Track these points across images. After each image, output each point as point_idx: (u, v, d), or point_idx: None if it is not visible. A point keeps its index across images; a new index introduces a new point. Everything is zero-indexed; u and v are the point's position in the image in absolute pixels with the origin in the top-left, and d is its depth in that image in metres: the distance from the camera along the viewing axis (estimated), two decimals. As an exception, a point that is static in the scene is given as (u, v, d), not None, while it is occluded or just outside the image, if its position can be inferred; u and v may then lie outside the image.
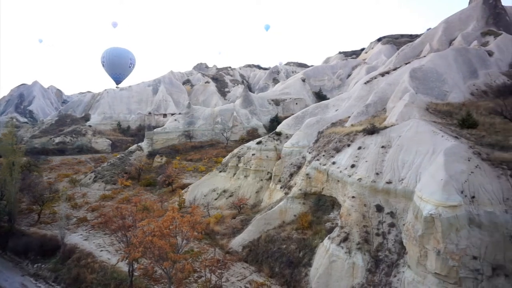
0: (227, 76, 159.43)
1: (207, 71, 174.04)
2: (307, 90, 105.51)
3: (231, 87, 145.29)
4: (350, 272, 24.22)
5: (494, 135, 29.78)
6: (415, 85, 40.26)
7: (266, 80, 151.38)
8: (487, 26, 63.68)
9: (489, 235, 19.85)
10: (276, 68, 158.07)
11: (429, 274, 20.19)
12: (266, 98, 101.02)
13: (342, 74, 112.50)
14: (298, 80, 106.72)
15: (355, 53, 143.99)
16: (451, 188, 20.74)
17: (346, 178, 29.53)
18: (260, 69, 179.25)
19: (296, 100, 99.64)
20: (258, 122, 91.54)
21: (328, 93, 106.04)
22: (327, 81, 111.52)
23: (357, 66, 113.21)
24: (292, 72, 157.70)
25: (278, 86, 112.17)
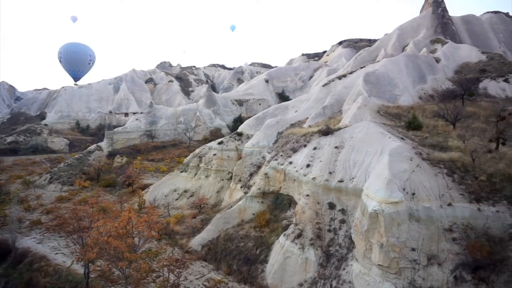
0: (191, 75, 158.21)
1: (170, 70, 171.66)
2: (270, 91, 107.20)
3: (195, 87, 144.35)
4: (303, 267, 25.41)
5: (436, 137, 32.27)
6: (368, 88, 42.49)
7: (231, 80, 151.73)
8: (436, 35, 68.09)
9: (426, 228, 21.70)
10: (240, 68, 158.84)
11: (373, 266, 21.72)
12: (230, 98, 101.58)
13: (304, 76, 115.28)
14: (261, 81, 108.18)
15: (318, 55, 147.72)
16: (393, 186, 22.40)
17: (302, 177, 30.80)
18: (225, 69, 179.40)
19: (260, 101, 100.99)
20: (221, 122, 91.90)
21: (291, 94, 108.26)
22: (290, 82, 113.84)
23: (319, 68, 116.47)
24: (257, 72, 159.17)
25: (241, 86, 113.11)
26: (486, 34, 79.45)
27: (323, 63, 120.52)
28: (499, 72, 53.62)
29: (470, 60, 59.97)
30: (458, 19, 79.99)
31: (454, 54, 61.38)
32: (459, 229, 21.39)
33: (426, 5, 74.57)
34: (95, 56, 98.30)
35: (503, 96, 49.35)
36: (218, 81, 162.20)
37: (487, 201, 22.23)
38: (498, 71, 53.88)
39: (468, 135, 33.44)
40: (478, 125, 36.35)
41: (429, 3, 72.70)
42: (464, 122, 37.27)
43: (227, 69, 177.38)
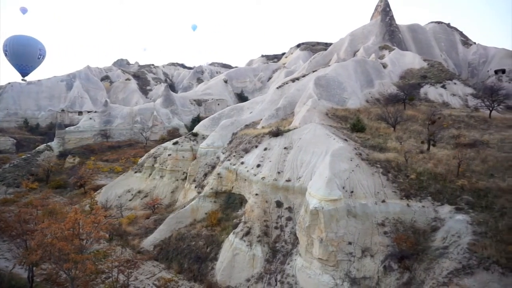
0: (149, 73, 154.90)
1: (128, 68, 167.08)
2: (229, 91, 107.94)
3: (154, 86, 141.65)
4: (251, 263, 26.50)
5: (377, 138, 34.70)
6: (319, 91, 44.51)
7: (190, 80, 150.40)
8: (384, 41, 72.19)
9: (362, 223, 23.55)
10: (200, 67, 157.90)
11: (314, 260, 23.20)
12: (188, 98, 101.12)
13: (263, 77, 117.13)
14: (220, 81, 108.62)
15: (277, 57, 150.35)
16: (333, 185, 24.05)
17: (252, 177, 31.91)
18: (185, 68, 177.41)
19: (218, 101, 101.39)
20: (179, 122, 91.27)
21: (250, 95, 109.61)
22: (249, 83, 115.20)
23: (277, 69, 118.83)
24: (217, 72, 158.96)
25: (200, 86, 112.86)
26: (429, 42, 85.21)
27: (281, 65, 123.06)
28: (437, 78, 58.02)
29: (413, 66, 64.23)
30: (405, 28, 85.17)
31: (399, 60, 65.46)
32: (391, 224, 23.43)
33: (376, 13, 78.82)
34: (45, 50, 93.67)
35: (440, 101, 53.53)
36: (178, 80, 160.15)
37: (415, 198, 24.51)
38: (437, 78, 58.28)
39: (406, 136, 36.28)
40: (415, 128, 39.34)
41: (378, 12, 76.91)
42: (404, 124, 40.22)
43: (187, 68, 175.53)
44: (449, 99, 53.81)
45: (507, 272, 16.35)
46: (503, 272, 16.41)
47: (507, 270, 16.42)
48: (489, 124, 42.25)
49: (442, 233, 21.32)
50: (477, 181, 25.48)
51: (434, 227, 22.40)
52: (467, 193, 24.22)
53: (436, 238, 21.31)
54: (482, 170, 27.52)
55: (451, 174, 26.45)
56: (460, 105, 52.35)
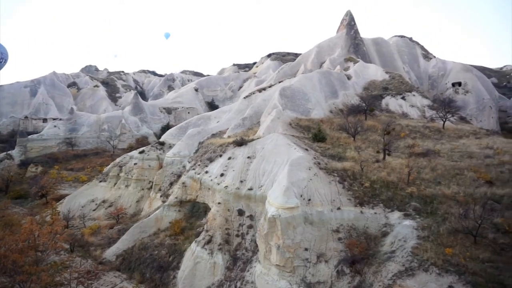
0: (119, 80, 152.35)
1: (96, 74, 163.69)
2: (200, 100, 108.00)
3: (123, 93, 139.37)
4: (212, 271, 26.90)
5: (337, 148, 36.13)
6: (284, 102, 45.75)
7: (161, 87, 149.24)
8: (349, 54, 75.02)
9: (318, 230, 24.55)
10: (171, 75, 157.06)
11: (272, 266, 23.92)
12: (158, 106, 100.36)
13: (234, 86, 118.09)
14: (191, 89, 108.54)
15: (248, 66, 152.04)
16: (291, 193, 24.96)
17: (216, 186, 32.41)
18: (156, 75, 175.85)
19: (189, 109, 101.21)
20: (148, 130, 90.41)
21: (221, 103, 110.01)
22: (219, 91, 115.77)
23: (248, 79, 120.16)
24: (188, 80, 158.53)
25: (170, 94, 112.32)
26: (392, 55, 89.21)
27: (252, 74, 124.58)
28: (398, 90, 60.91)
29: (376, 78, 67.03)
30: (370, 41, 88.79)
31: (363, 72, 68.14)
32: (345, 230, 24.57)
33: (341, 26, 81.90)
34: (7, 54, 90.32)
35: (400, 112, 56.21)
36: (148, 88, 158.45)
37: (368, 205, 25.84)
38: (398, 89, 61.18)
39: (364, 146, 38.01)
40: (374, 138, 41.19)
41: (344, 25, 79.97)
42: (364, 134, 42.02)
43: (158, 76, 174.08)
44: (408, 110, 56.58)
45: (443, 272, 17.68)
46: (439, 272, 17.73)
47: (442, 271, 17.75)
48: (442, 134, 44.86)
49: (391, 238, 22.62)
50: (425, 189, 27.19)
51: (384, 232, 23.72)
52: (415, 200, 25.81)
53: (385, 243, 22.59)
54: (431, 178, 29.34)
55: (402, 182, 28.07)
56: (418, 116, 55.13)
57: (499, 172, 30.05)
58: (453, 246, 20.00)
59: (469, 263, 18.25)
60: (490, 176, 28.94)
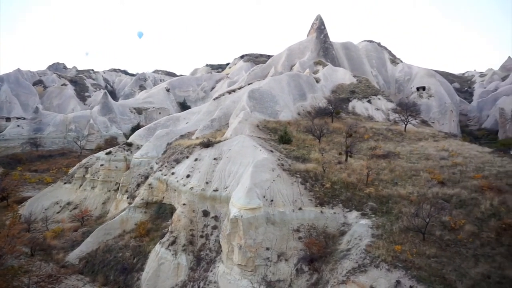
0: (88, 79, 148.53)
1: (65, 73, 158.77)
2: (172, 100, 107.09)
3: (93, 92, 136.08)
4: (175, 272, 27.05)
5: (302, 150, 37.08)
6: (252, 104, 46.37)
7: (133, 87, 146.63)
8: (318, 57, 76.76)
9: (279, 230, 25.23)
10: (143, 75, 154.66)
11: (234, 266, 24.39)
12: (128, 106, 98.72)
13: (206, 87, 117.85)
14: (162, 90, 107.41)
15: (221, 67, 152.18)
16: (253, 194, 25.52)
17: (181, 187, 32.55)
18: (127, 74, 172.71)
19: (160, 110, 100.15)
20: (118, 130, 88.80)
21: (193, 104, 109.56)
22: (192, 92, 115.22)
23: (221, 79, 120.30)
24: (160, 80, 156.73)
25: (141, 94, 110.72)
26: (361, 59, 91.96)
27: (225, 75, 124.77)
28: (364, 93, 62.96)
29: (344, 81, 69.01)
30: (339, 45, 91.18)
31: (332, 75, 69.98)
32: (305, 229, 25.38)
33: (312, 30, 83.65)
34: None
35: (366, 115, 58.18)
36: (119, 87, 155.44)
37: (328, 205, 26.80)
38: (364, 93, 63.24)
39: (329, 148, 39.19)
40: (339, 140, 42.49)
41: (314, 29, 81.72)
42: (329, 136, 43.31)
43: (129, 75, 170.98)
44: (374, 113, 58.65)
45: (392, 268, 18.73)
46: (389, 268, 18.77)
47: (391, 267, 18.80)
48: (403, 137, 46.86)
49: (348, 237, 23.61)
50: (382, 189, 28.49)
51: (342, 231, 24.71)
52: (372, 200, 27.01)
53: (343, 242, 23.55)
54: (389, 179, 30.74)
55: (361, 183, 29.27)
56: (383, 119, 57.26)
57: (451, 173, 31.85)
58: (404, 243, 21.18)
59: (416, 259, 19.43)
60: (442, 177, 30.64)
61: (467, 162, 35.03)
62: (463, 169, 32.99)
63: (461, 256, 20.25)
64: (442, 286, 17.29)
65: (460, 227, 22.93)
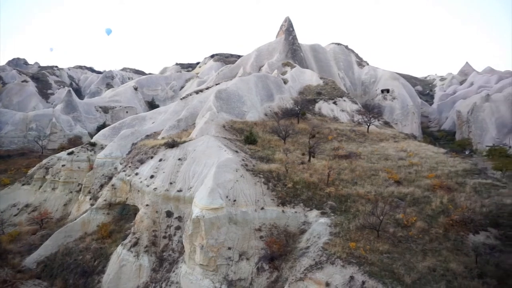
0: (52, 76, 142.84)
1: (26, 69, 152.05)
2: (139, 99, 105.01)
3: (56, 89, 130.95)
4: (137, 273, 26.85)
5: (267, 150, 37.61)
6: (219, 104, 46.45)
7: (99, 85, 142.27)
8: (287, 59, 77.83)
9: (241, 229, 25.61)
10: (110, 72, 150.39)
11: (196, 266, 24.53)
12: (94, 105, 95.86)
13: (175, 86, 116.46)
14: (130, 88, 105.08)
15: (191, 66, 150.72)
16: (216, 194, 25.75)
17: (145, 188, 32.23)
18: (93, 72, 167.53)
19: (127, 109, 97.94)
20: (82, 130, 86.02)
21: (161, 103, 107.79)
22: (160, 91, 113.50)
23: (191, 79, 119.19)
24: (129, 78, 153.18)
25: (108, 92, 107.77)
26: (328, 62, 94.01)
27: (194, 75, 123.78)
28: (330, 95, 64.50)
29: (311, 83, 70.34)
30: (307, 47, 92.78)
31: (299, 77, 71.15)
32: (267, 229, 25.90)
33: (280, 32, 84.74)
34: None
35: (331, 116, 59.63)
36: (85, 85, 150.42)
37: (289, 204, 27.44)
38: (330, 95, 64.77)
39: (293, 148, 39.94)
40: (304, 140, 43.34)
41: (283, 31, 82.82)
42: (295, 137, 44.12)
43: (95, 72, 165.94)
44: (339, 114, 60.20)
45: (346, 264, 19.55)
46: (343, 265, 19.57)
47: (346, 263, 19.62)
48: (366, 138, 48.53)
49: (307, 235, 24.33)
50: (342, 188, 29.50)
51: (303, 230, 25.42)
52: (332, 199, 27.92)
53: (302, 240, 24.25)
54: (349, 179, 31.85)
55: (323, 182, 30.15)
56: (347, 120, 58.88)
57: (408, 173, 33.48)
58: (359, 240, 22.12)
59: (369, 255, 20.36)
60: (399, 176, 32.14)
61: (422, 162, 36.92)
62: (419, 169, 34.76)
63: (411, 251, 21.42)
64: (391, 280, 18.25)
65: (412, 224, 24.23)
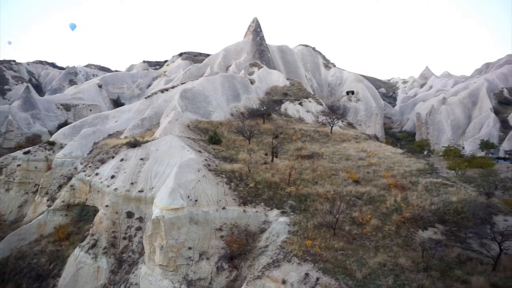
0: (9, 71, 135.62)
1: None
2: (104, 97, 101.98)
3: (14, 85, 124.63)
4: (95, 276, 26.28)
5: (231, 150, 37.83)
6: (184, 104, 46.14)
7: (62, 81, 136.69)
8: (254, 59, 78.36)
9: (202, 229, 25.66)
10: (74, 68, 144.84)
11: (156, 267, 24.35)
12: (55, 102, 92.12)
13: (142, 84, 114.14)
14: (94, 86, 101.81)
15: (159, 64, 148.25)
16: (176, 194, 25.66)
17: (105, 188, 31.54)
18: (55, 67, 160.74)
19: (91, 107, 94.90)
20: (42, 128, 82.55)
21: (127, 102, 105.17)
22: (126, 89, 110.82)
23: (158, 77, 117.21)
24: (93, 75, 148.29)
25: (70, 90, 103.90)
26: (296, 63, 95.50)
27: (162, 73, 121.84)
28: (296, 96, 65.64)
29: (278, 84, 71.28)
30: (275, 48, 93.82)
31: (266, 77, 71.88)
32: (227, 228, 26.11)
33: (248, 32, 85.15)
34: None
35: (297, 116, 60.69)
36: (46, 81, 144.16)
37: (251, 204, 27.80)
38: (296, 96, 65.92)
39: (258, 148, 40.38)
40: (268, 140, 43.89)
41: (251, 31, 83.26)
42: (259, 137, 44.62)
43: (58, 68, 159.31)
44: (304, 115, 61.38)
45: (302, 262, 20.13)
46: (299, 262, 20.14)
47: (302, 261, 20.20)
48: (329, 138, 49.82)
49: (267, 234, 24.78)
50: (303, 188, 30.20)
51: (263, 229, 25.85)
52: (292, 199, 28.55)
53: (262, 239, 24.66)
54: (310, 178, 32.64)
55: (284, 182, 30.75)
56: (312, 121, 60.14)
57: (366, 173, 34.76)
58: (316, 238, 22.80)
59: (325, 252, 21.06)
60: (358, 176, 33.32)
61: (381, 162, 38.44)
62: (377, 168, 36.18)
63: (364, 248, 22.36)
64: (343, 275, 19.00)
65: (367, 221, 25.25)
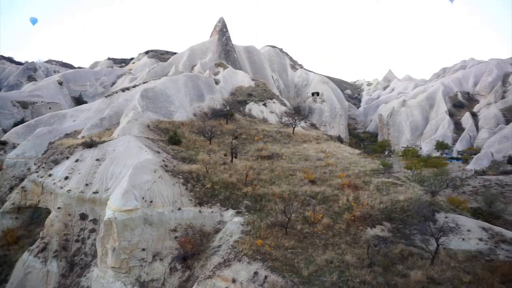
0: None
1: None
2: (65, 95, 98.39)
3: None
4: (44, 280, 25.61)
5: (191, 151, 37.79)
6: (145, 103, 45.56)
7: (19, 77, 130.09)
8: (220, 59, 78.45)
9: (157, 230, 25.59)
10: (33, 64, 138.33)
11: (108, 269, 24.05)
12: (11, 99, 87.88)
13: (106, 82, 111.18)
14: (53, 83, 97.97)
15: (125, 62, 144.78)
16: (130, 196, 25.43)
17: (58, 190, 30.71)
18: (13, 62, 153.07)
19: (50, 105, 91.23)
20: (-4, 126, 78.58)
21: (90, 100, 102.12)
22: (89, 87, 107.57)
23: (123, 75, 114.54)
24: (54, 71, 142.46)
25: (28, 86, 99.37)
26: (262, 64, 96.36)
27: (127, 71, 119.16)
28: (261, 97, 66.38)
29: (243, 84, 71.75)
30: (242, 48, 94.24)
31: (232, 78, 72.15)
32: (182, 229, 26.19)
33: (214, 32, 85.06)
34: None
35: (261, 117, 61.41)
36: (2, 77, 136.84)
37: (207, 204, 28.00)
38: (260, 96, 66.66)
39: (218, 149, 40.58)
40: (230, 141, 44.26)
41: (216, 31, 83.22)
42: (221, 138, 44.82)
43: (15, 63, 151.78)
44: (268, 116, 62.20)
45: (252, 261, 20.60)
46: (249, 261, 20.60)
47: (251, 260, 20.66)
48: (291, 139, 50.81)
49: (221, 234, 25.08)
50: (259, 188, 30.73)
51: (217, 229, 26.13)
52: (248, 199, 29.01)
53: (216, 239, 24.94)
54: (267, 179, 33.26)
55: (241, 182, 31.17)
56: (276, 122, 61.07)
57: (323, 173, 35.84)
58: (268, 237, 23.36)
59: (274, 251, 21.66)
60: (314, 176, 34.30)
61: (338, 162, 39.73)
62: (333, 169, 37.38)
63: (314, 246, 23.17)
64: (290, 273, 19.66)
65: (319, 220, 26.12)
